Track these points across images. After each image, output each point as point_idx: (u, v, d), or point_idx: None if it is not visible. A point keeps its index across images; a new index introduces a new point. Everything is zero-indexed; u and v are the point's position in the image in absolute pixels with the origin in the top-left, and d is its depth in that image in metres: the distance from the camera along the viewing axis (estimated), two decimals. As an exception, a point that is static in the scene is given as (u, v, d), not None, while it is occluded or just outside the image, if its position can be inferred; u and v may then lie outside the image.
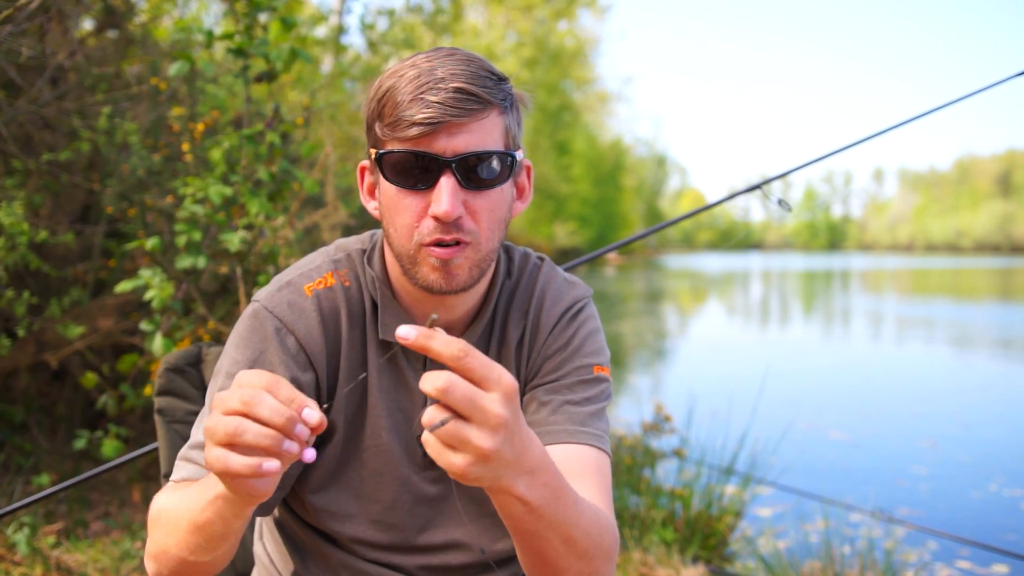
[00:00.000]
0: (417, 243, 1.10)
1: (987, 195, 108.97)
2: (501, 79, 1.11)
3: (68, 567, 2.88)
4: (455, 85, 1.04)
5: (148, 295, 2.97)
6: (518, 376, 1.27)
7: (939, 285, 30.23)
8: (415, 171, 1.07)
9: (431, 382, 0.79)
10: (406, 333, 0.79)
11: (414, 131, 1.05)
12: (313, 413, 0.84)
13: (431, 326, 0.81)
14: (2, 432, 3.91)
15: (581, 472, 1.13)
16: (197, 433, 1.16)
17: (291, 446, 0.82)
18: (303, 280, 1.22)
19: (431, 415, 0.81)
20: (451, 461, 0.81)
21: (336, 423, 1.22)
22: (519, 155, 1.14)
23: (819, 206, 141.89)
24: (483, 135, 1.07)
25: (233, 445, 0.83)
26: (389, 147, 1.08)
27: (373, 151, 1.12)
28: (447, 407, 0.80)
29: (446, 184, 1.06)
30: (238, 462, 0.83)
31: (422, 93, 1.04)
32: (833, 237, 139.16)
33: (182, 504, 1.04)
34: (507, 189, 1.14)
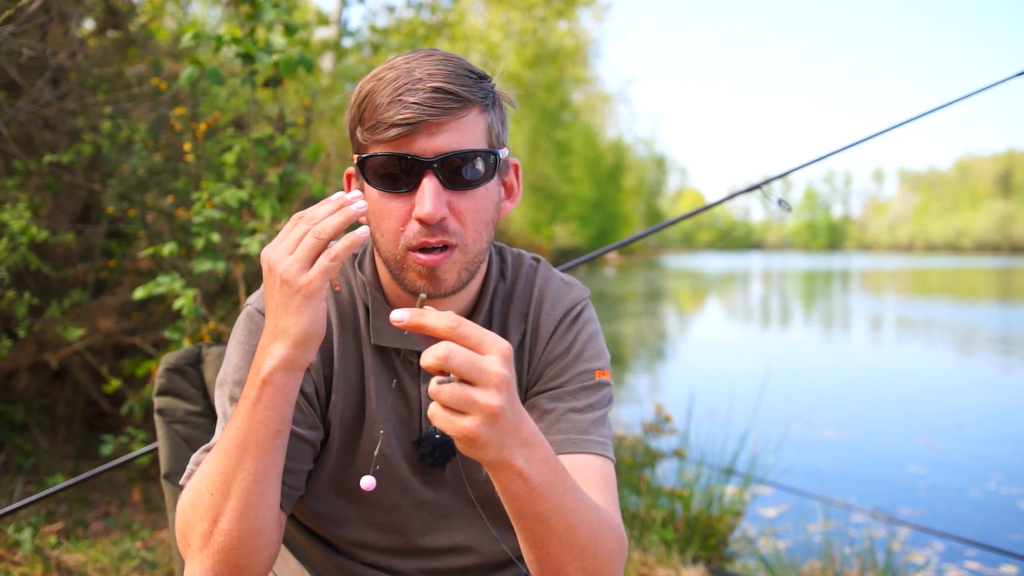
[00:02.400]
0: (404, 247, 1.08)
1: (987, 195, 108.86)
2: (482, 77, 1.10)
3: (68, 567, 2.88)
4: (433, 85, 1.03)
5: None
6: (520, 381, 1.25)
7: (939, 285, 30.21)
8: (397, 174, 1.06)
9: (431, 353, 0.83)
10: (400, 316, 0.86)
11: (393, 133, 1.04)
12: (351, 194, 1.03)
13: (421, 305, 0.87)
14: (2, 432, 3.91)
15: (587, 481, 1.13)
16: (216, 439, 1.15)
17: (360, 203, 1.01)
18: None
19: (435, 383, 0.85)
20: (462, 425, 0.85)
21: (333, 428, 1.21)
22: (504, 153, 1.13)
23: (819, 206, 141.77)
24: (464, 134, 1.06)
25: (318, 250, 0.98)
26: (370, 151, 1.07)
27: (356, 156, 1.11)
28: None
29: (428, 185, 1.05)
30: (341, 245, 0.98)
31: (400, 95, 1.03)
32: (833, 237, 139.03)
33: (221, 447, 1.02)
34: (493, 188, 1.13)
